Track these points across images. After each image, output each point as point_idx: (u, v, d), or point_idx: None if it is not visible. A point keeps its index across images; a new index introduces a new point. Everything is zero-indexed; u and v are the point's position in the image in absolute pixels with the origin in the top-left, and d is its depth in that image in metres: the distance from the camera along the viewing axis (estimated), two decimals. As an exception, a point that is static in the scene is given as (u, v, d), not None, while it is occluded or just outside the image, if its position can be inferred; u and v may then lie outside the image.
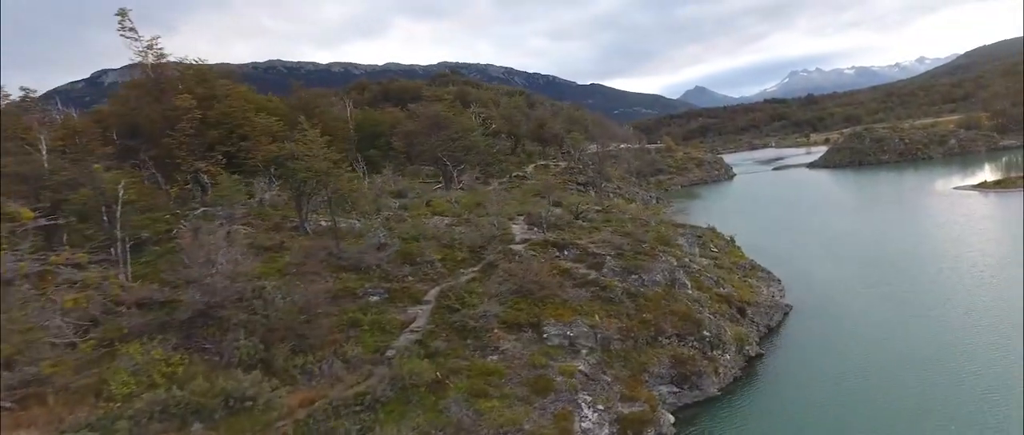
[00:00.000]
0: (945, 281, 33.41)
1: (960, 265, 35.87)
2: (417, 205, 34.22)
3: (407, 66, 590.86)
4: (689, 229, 40.57)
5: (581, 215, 31.86)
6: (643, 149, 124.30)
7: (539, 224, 28.79)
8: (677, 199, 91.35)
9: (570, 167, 73.61)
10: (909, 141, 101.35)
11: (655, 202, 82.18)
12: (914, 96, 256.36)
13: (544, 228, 28.45)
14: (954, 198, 59.71)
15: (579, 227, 30.06)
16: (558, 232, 28.83)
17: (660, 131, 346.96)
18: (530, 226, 29.36)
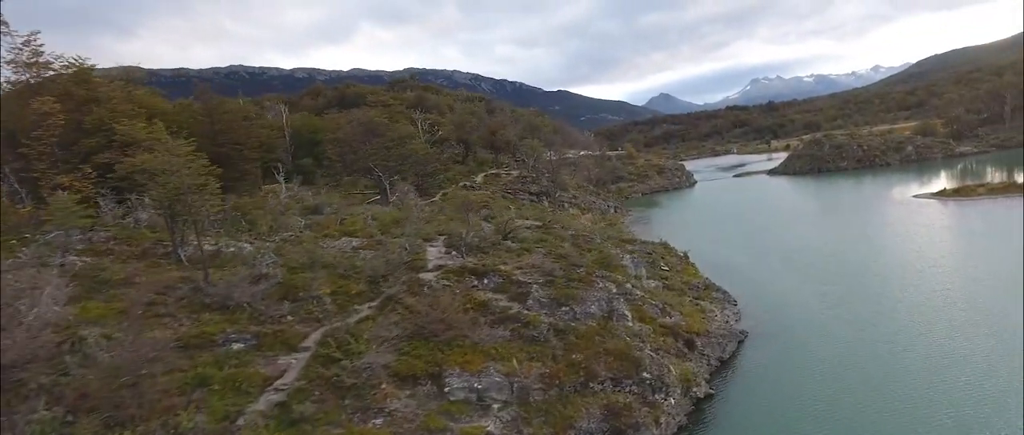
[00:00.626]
0: (910, 300, 30.72)
1: (924, 281, 33.34)
2: (330, 223, 30.08)
3: (373, 72, 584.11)
4: (639, 245, 37.31)
5: (510, 235, 28.11)
6: (604, 156, 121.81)
7: (458, 246, 24.99)
8: (636, 207, 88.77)
9: (523, 176, 70.12)
10: (867, 148, 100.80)
11: (613, 211, 79.32)
12: (870, 103, 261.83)
13: (463, 251, 24.66)
14: (913, 207, 57.99)
15: (507, 249, 26.37)
16: (481, 256, 25.06)
17: (625, 137, 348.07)
18: (449, 249, 25.52)
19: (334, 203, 35.02)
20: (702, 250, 50.37)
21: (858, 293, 33.06)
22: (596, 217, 72.55)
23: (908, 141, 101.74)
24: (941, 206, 56.40)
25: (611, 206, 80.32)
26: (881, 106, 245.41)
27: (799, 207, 69.84)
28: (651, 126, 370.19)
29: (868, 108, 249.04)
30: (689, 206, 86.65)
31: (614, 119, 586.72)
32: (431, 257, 24.82)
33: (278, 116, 62.79)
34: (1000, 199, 54.72)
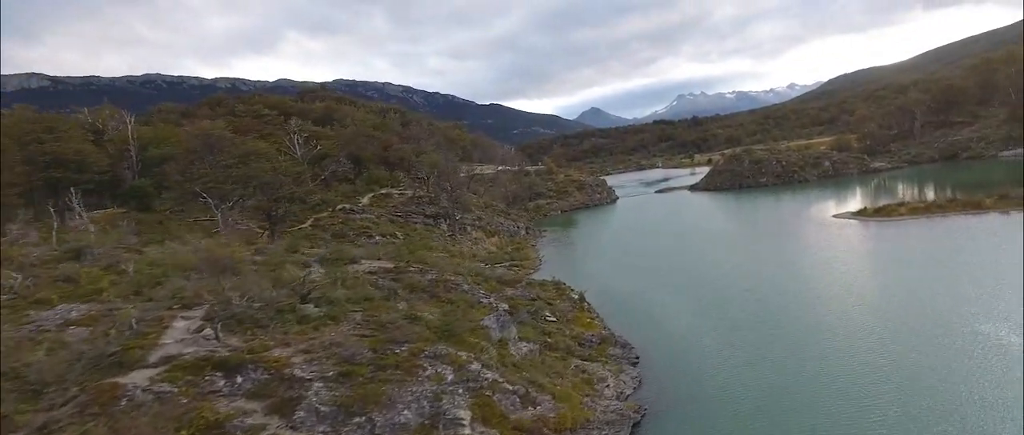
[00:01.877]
0: (842, 350, 25.04)
1: (854, 325, 27.84)
2: (82, 276, 21.28)
3: (300, 83, 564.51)
4: (523, 289, 30.22)
5: (309, 296, 19.85)
6: (522, 172, 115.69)
7: (219, 318, 16.89)
8: (553, 227, 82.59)
9: (418, 196, 62.25)
10: (786, 163, 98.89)
11: (524, 233, 72.65)
12: (787, 118, 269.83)
13: (218, 331, 16.53)
14: (834, 228, 53.94)
15: (302, 318, 18.47)
16: (255, 332, 17.13)
17: (554, 151, 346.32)
18: (206, 321, 17.41)
19: (110, 243, 25.95)
20: (609, 282, 44.20)
21: (780, 340, 27.25)
22: (503, 241, 65.62)
23: (825, 156, 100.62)
24: (862, 228, 52.53)
25: (522, 228, 73.59)
26: (797, 121, 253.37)
27: (718, 227, 65.17)
28: (580, 140, 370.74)
29: (785, 123, 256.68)
30: (606, 225, 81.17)
31: (546, 132, 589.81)
32: (170, 338, 16.66)
33: (123, 126, 52.46)
34: (922, 219, 51.31)
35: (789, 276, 38.83)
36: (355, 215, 52.12)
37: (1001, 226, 45.79)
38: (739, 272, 41.88)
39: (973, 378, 21.54)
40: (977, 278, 32.50)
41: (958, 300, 29.34)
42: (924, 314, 27.96)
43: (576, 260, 56.70)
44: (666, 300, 36.80)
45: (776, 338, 27.77)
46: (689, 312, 33.87)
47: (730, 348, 27.48)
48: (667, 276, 43.65)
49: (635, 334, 30.72)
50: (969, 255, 37.62)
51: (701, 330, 30.31)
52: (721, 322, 31.33)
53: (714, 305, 34.59)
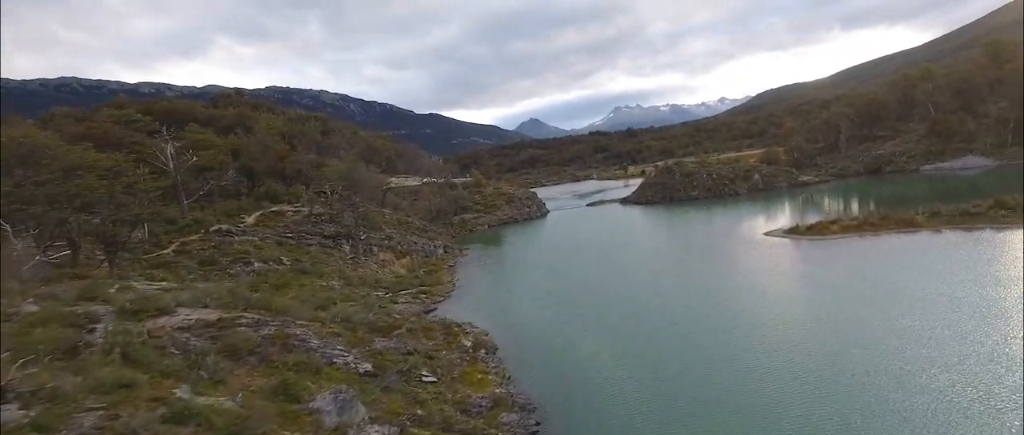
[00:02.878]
0: (778, 401, 20.37)
1: (794, 371, 23.34)
2: None
3: (231, 89, 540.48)
4: (397, 341, 24.19)
5: (11, 390, 12.33)
6: (448, 184, 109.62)
7: None
8: (476, 244, 76.95)
9: (317, 214, 55.19)
10: (717, 177, 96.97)
11: (441, 252, 66.59)
12: (718, 131, 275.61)
13: None
14: (765, 247, 50.59)
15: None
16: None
17: (484, 163, 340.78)
18: None
19: None
20: (523, 313, 38.82)
21: (708, 392, 22.49)
22: (416, 262, 59.37)
23: (755, 169, 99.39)
24: (794, 247, 49.30)
25: (440, 246, 67.50)
26: (728, 134, 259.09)
27: (647, 246, 61.13)
28: (517, 150, 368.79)
29: (717, 136, 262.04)
30: (532, 243, 76.14)
31: (486, 143, 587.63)
32: None
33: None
34: (854, 238, 48.51)
35: (718, 307, 34.42)
36: (233, 237, 44.72)
37: (933, 245, 43.27)
38: (665, 300, 37.29)
39: None
40: (916, 305, 28.87)
41: (901, 337, 25.38)
42: (871, 363, 23.71)
43: (492, 285, 51.18)
44: (584, 339, 31.64)
45: (704, 389, 22.95)
46: (608, 354, 28.77)
47: (650, 405, 22.50)
48: (589, 306, 38.64)
49: (541, 387, 25.32)
50: (906, 278, 34.30)
51: (619, 380, 25.23)
52: (642, 368, 26.37)
53: (637, 344, 29.68)
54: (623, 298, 39.39)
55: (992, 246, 40.80)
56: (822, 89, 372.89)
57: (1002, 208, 46.19)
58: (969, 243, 42.50)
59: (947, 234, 45.83)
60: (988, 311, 27.74)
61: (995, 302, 28.91)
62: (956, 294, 30.80)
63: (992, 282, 32.06)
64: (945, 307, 29.04)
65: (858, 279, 36.21)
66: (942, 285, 32.61)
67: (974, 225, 46.24)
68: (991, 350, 23.30)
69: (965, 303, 29.24)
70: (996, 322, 26.24)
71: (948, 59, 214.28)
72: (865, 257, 41.93)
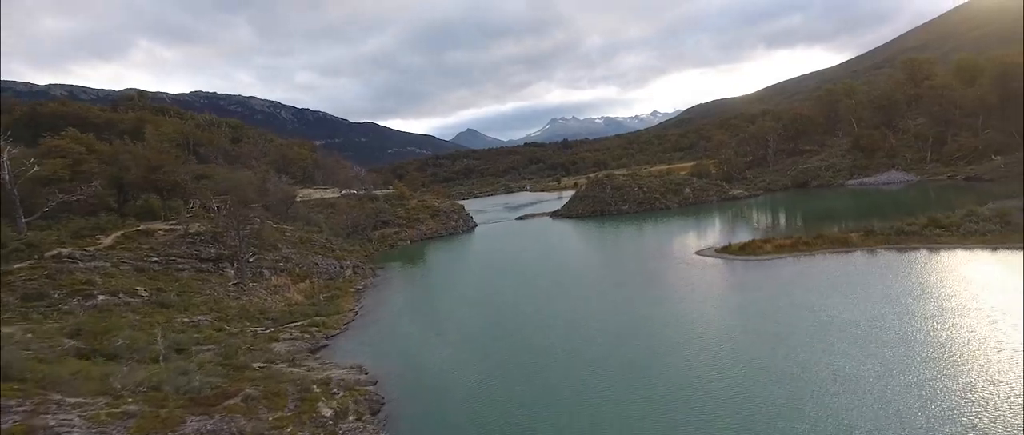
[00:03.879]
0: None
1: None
2: None
3: (152, 93, 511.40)
4: (223, 414, 18.18)
5: None
6: (368, 196, 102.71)
7: None
8: (394, 262, 70.72)
9: (195, 233, 47.62)
10: (648, 190, 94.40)
11: (350, 273, 60.08)
12: (651, 143, 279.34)
13: None
14: (697, 268, 46.96)
15: None
16: None
17: (410, 174, 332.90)
18: None
19: None
20: (423, 353, 33.19)
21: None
22: (316, 286, 52.67)
23: (686, 183, 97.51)
24: (727, 269, 45.84)
25: (349, 266, 60.87)
26: (660, 146, 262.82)
27: (574, 266, 56.66)
28: (452, 161, 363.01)
29: (649, 148, 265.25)
30: (454, 260, 70.50)
31: (422, 152, 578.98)
32: None
33: None
34: (788, 259, 45.50)
35: (645, 342, 29.89)
36: (77, 264, 36.94)
37: (869, 269, 40.53)
38: (587, 334, 32.52)
39: None
40: (862, 344, 25.20)
41: (853, 389, 21.40)
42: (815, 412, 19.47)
43: (401, 312, 45.22)
44: (489, 389, 26.35)
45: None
46: (518, 403, 23.65)
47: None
48: (501, 340, 33.45)
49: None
50: (841, 304, 30.89)
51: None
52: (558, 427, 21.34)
53: (547, 395, 24.62)
54: (540, 331, 34.38)
55: (927, 269, 38.26)
56: (748, 104, 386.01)
57: (936, 226, 44.18)
58: (904, 265, 40.00)
59: (881, 255, 43.38)
60: (949, 356, 24.25)
61: (954, 344, 25.54)
62: (907, 332, 27.35)
63: (940, 314, 28.92)
64: (899, 346, 25.41)
65: (798, 310, 32.52)
66: (889, 315, 29.23)
67: (908, 244, 44.06)
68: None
69: (918, 342, 25.77)
70: (957, 369, 22.68)
71: (862, 78, 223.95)
72: (801, 282, 38.60)
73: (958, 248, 41.51)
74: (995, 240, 40.56)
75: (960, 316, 28.66)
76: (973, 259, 38.88)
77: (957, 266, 37.68)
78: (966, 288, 32.63)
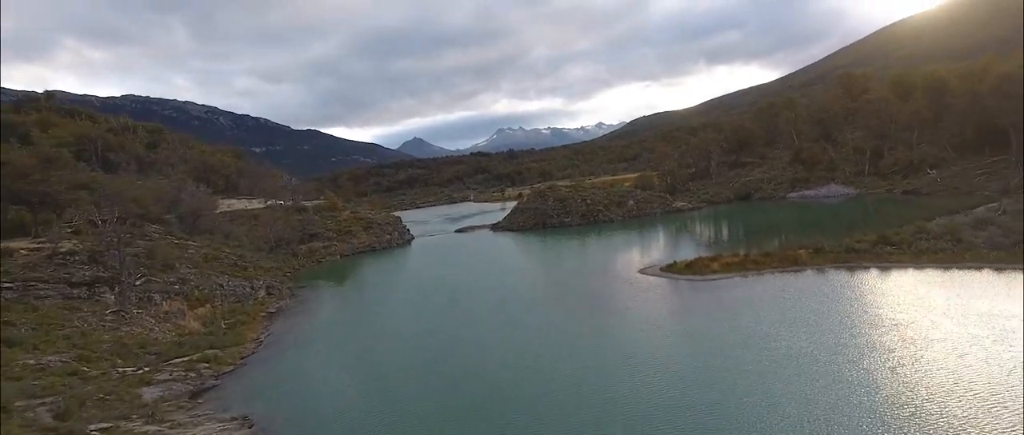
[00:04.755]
0: None
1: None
2: None
3: (80, 96, 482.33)
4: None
5: None
6: (297, 208, 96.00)
7: None
8: (316, 281, 64.88)
9: (67, 252, 40.84)
10: (591, 202, 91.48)
11: (263, 294, 54.13)
12: (596, 154, 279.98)
13: None
14: (641, 289, 43.56)
15: None
16: None
17: (369, 181, 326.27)
18: None
19: None
20: (331, 395, 28.26)
21: None
22: (218, 311, 46.50)
23: (630, 195, 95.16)
24: (672, 289, 42.61)
25: (262, 286, 54.81)
26: (605, 157, 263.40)
27: (511, 284, 52.42)
28: (396, 170, 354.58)
29: (594, 159, 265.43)
30: (385, 278, 65.21)
31: (367, 161, 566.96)
32: None
33: None
34: (736, 279, 42.61)
35: (584, 382, 25.85)
36: None
37: (820, 289, 37.96)
38: (517, 370, 28.24)
39: None
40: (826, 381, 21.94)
41: None
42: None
43: (312, 342, 39.83)
44: (395, 425, 21.72)
45: None
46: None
47: None
48: (421, 379, 28.80)
49: None
50: (797, 334, 27.77)
51: None
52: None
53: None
54: (469, 365, 29.89)
55: (881, 292, 35.83)
56: (690, 117, 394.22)
57: (886, 244, 42.18)
58: (856, 286, 37.61)
59: (831, 274, 41.00)
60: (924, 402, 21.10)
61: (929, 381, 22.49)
62: (871, 369, 24.24)
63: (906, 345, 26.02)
64: (863, 388, 22.14)
65: (751, 341, 29.17)
66: (850, 347, 26.13)
67: (859, 263, 41.87)
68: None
69: (883, 383, 22.60)
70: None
71: (797, 93, 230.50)
72: (751, 306, 35.47)
73: (910, 267, 39.50)
74: (948, 259, 38.70)
75: (924, 348, 25.90)
76: (926, 280, 36.77)
77: (912, 287, 35.40)
78: (925, 315, 30.07)
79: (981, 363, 23.80)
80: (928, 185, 75.69)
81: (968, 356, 24.58)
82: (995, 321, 27.85)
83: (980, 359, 24.15)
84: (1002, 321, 27.75)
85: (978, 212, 47.87)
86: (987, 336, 26.26)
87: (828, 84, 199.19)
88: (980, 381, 22.10)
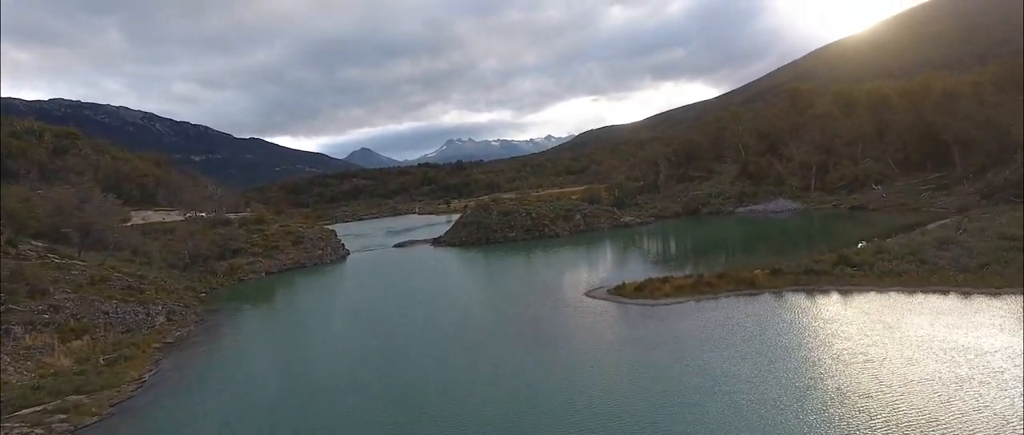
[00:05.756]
0: None
1: None
2: None
3: (4, 98, 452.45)
4: None
5: None
6: (220, 220, 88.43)
7: None
8: (235, 303, 58.44)
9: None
10: (536, 216, 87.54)
11: (162, 321, 47.47)
12: (544, 167, 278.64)
13: None
14: (588, 315, 39.48)
15: None
16: None
17: (312, 192, 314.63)
18: None
19: None
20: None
21: None
22: (100, 344, 39.76)
23: (576, 208, 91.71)
24: (621, 315, 38.66)
25: (162, 312, 48.06)
26: (553, 170, 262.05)
27: (445, 309, 47.50)
28: (340, 180, 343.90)
29: (542, 171, 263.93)
30: (308, 300, 59.13)
31: (312, 171, 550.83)
32: None
33: None
34: (690, 303, 39.04)
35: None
36: None
37: (780, 314, 34.74)
38: (437, 420, 23.40)
39: None
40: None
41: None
42: None
43: (202, 382, 33.86)
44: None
45: None
46: None
47: None
48: (331, 415, 23.59)
49: None
50: (763, 375, 24.08)
51: None
52: None
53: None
54: (382, 413, 24.84)
55: (847, 320, 32.71)
56: (637, 131, 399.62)
57: (846, 264, 39.43)
58: (819, 313, 34.50)
59: (790, 298, 37.90)
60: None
61: None
62: (853, 429, 20.58)
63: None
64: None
65: (711, 383, 25.25)
66: (829, 391, 22.49)
67: (818, 285, 38.95)
68: None
69: None
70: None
71: (738, 109, 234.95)
72: (708, 337, 31.74)
73: (872, 290, 36.73)
74: (912, 282, 36.09)
75: (902, 391, 22.52)
76: (892, 305, 33.93)
77: (878, 314, 32.41)
78: (900, 349, 26.89)
79: (972, 411, 20.53)
80: (874, 201, 75.14)
81: (955, 401, 21.33)
82: (980, 358, 24.83)
83: (970, 406, 20.90)
84: (987, 357, 24.75)
85: (934, 230, 46.05)
86: (974, 377, 23.10)
87: (769, 100, 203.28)
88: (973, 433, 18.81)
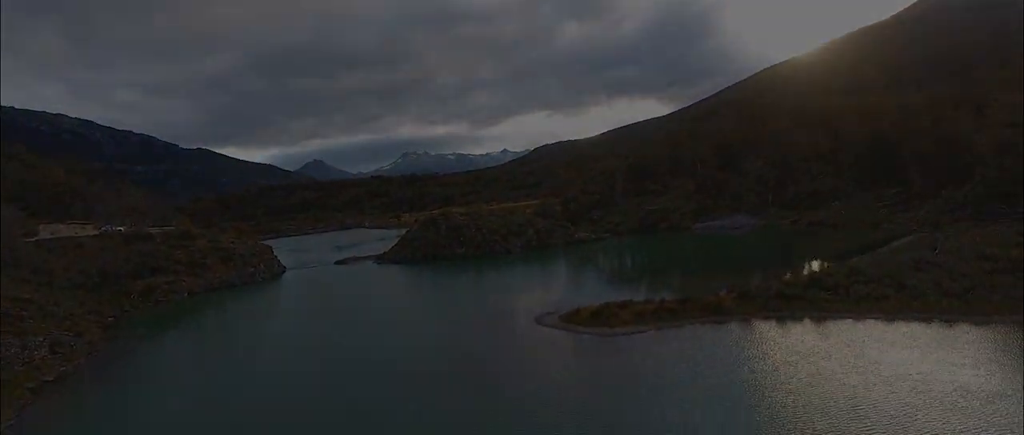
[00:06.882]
0: None
1: None
2: None
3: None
4: None
5: None
6: (139, 235, 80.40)
7: None
8: (144, 329, 51.73)
9: None
10: (488, 231, 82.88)
11: (42, 354, 40.68)
12: (499, 180, 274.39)
13: None
14: (536, 348, 35.11)
15: None
16: None
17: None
18: None
19: None
20: None
21: None
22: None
23: (529, 224, 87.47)
24: (574, 348, 34.33)
25: (41, 345, 41.09)
26: (508, 184, 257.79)
27: (375, 341, 42.20)
28: (288, 192, 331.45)
29: (496, 185, 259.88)
30: (226, 330, 52.82)
31: (264, 183, 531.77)
32: None
33: None
34: (651, 332, 34.96)
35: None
36: None
37: (751, 346, 31.00)
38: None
39: None
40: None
41: None
42: None
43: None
44: None
45: None
46: None
47: None
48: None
49: None
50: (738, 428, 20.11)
51: None
52: None
53: None
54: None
55: (825, 354, 29.06)
56: (592, 146, 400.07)
57: (820, 288, 36.14)
58: (794, 344, 30.86)
59: (760, 327, 34.27)
60: None
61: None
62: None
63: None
64: None
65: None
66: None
67: (791, 311, 35.45)
68: None
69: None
70: None
71: (693, 123, 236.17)
72: (673, 377, 27.61)
73: (849, 317, 33.43)
74: (891, 308, 32.98)
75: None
76: (873, 336, 30.57)
77: (861, 347, 28.92)
78: (890, 392, 23.27)
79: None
80: (833, 216, 73.57)
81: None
82: (990, 404, 21.30)
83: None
84: (998, 403, 21.24)
85: (902, 247, 43.49)
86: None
87: (721, 118, 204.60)
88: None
